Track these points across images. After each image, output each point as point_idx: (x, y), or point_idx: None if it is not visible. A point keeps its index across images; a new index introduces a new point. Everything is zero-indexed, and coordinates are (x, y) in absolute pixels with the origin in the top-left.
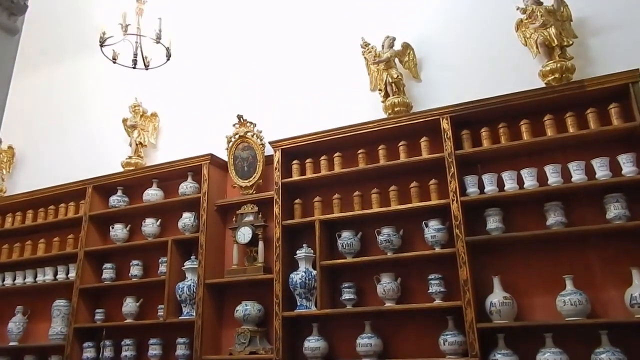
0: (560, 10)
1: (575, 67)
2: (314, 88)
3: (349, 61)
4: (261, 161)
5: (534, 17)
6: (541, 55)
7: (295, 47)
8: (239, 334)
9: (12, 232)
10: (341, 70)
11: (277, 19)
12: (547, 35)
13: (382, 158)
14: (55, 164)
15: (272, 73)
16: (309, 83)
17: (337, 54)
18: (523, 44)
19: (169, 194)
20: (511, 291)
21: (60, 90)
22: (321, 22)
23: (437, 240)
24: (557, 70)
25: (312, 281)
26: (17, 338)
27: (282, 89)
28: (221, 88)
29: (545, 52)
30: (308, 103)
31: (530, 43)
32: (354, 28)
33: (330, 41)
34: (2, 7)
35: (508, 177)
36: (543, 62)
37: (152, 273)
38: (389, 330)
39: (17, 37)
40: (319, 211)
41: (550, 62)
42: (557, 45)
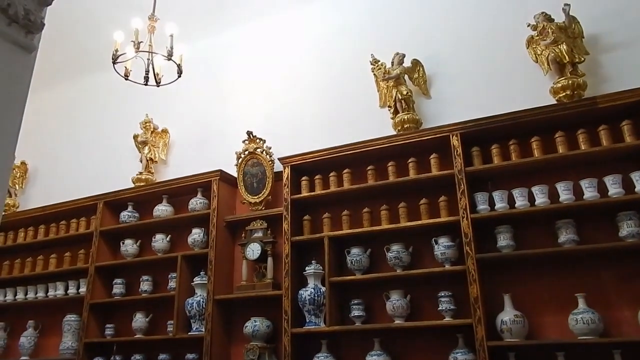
0: (572, 27)
1: (586, 83)
2: (323, 104)
3: (359, 78)
4: (270, 177)
5: (545, 33)
6: (552, 72)
7: (305, 64)
8: (248, 350)
9: (24, 247)
10: (351, 86)
11: (287, 36)
12: (558, 52)
13: (391, 175)
14: (67, 179)
15: (282, 90)
16: (318, 99)
17: (347, 71)
18: (534, 61)
19: (178, 209)
20: (522, 309)
21: (72, 106)
22: (331, 38)
23: (447, 258)
24: (569, 87)
25: (321, 298)
26: (29, 352)
27: (292, 106)
28: (231, 105)
29: (557, 68)
30: (317, 119)
31: (542, 60)
32: (363, 44)
33: (340, 58)
34: (19, 25)
35: (519, 194)
36: (554, 79)
37: (161, 288)
38: (398, 347)
39: (33, 54)
40: (328, 227)
41: (561, 79)
42: (568, 62)
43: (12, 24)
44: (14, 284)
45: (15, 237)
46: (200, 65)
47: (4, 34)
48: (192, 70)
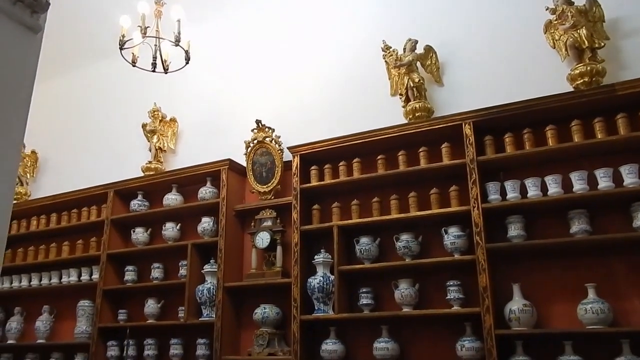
0: (593, 11)
1: (606, 70)
2: (333, 92)
3: (370, 65)
4: (279, 167)
5: (564, 17)
6: (570, 58)
7: (315, 51)
8: (258, 336)
9: (37, 235)
10: (361, 74)
11: (297, 22)
12: (577, 37)
13: (402, 164)
14: (77, 168)
15: (291, 78)
16: (328, 87)
17: (358, 58)
18: (551, 47)
19: (188, 198)
20: (531, 299)
21: (80, 95)
22: (341, 24)
23: (456, 247)
24: (587, 74)
25: (329, 286)
26: (45, 336)
27: (302, 94)
28: (240, 93)
29: (575, 54)
30: (327, 108)
31: (559, 45)
32: (375, 31)
33: (350, 44)
34: (24, 5)
35: (531, 184)
36: (572, 65)
37: (172, 276)
38: (406, 335)
39: (39, 35)
40: (337, 217)
41: (579, 65)
42: (587, 47)
43: (17, 3)
44: (29, 271)
45: (28, 225)
46: (208, 52)
47: (9, 13)
48: (200, 58)
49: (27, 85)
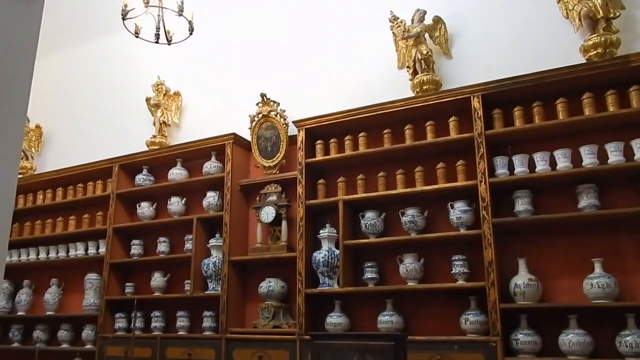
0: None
1: (620, 41)
2: (339, 65)
3: (376, 37)
4: (285, 141)
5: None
6: (584, 29)
7: (321, 23)
8: (263, 309)
9: (43, 209)
10: (368, 46)
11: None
12: (591, 6)
13: (408, 138)
14: (82, 142)
15: (297, 50)
16: (334, 60)
17: (364, 30)
18: (564, 17)
19: (193, 173)
20: (537, 274)
21: (84, 69)
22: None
23: (462, 222)
24: (601, 45)
25: (334, 260)
26: (54, 308)
27: (307, 67)
28: (244, 66)
29: (589, 25)
30: (333, 81)
31: (573, 15)
32: (382, 1)
33: (356, 16)
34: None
35: (540, 158)
36: (585, 36)
37: (178, 250)
38: (410, 308)
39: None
40: (342, 191)
41: (593, 36)
42: (602, 17)
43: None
44: (36, 244)
45: (35, 199)
46: (212, 23)
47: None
48: (203, 29)
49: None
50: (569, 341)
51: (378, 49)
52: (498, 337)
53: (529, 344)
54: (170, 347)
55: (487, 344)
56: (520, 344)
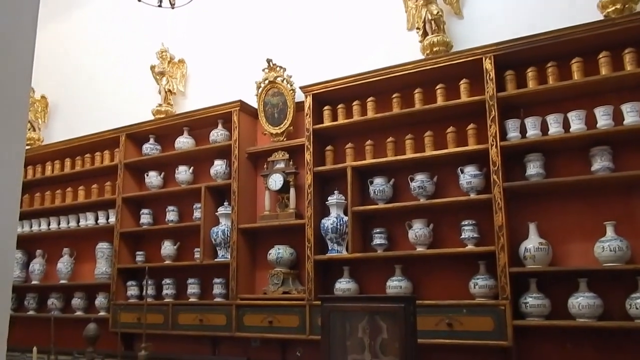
0: None
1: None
2: (346, 28)
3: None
4: (292, 107)
5: None
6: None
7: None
8: (273, 276)
9: (53, 180)
10: (376, 7)
11: None
12: None
13: (418, 102)
14: (88, 112)
15: (303, 14)
16: (341, 23)
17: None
18: None
19: (200, 141)
20: (547, 238)
21: (88, 37)
22: None
23: (472, 187)
24: (619, 0)
25: (343, 227)
26: (67, 277)
27: (313, 31)
28: (249, 31)
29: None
30: (340, 45)
31: None
32: None
33: None
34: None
35: (553, 120)
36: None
37: (187, 218)
38: (419, 274)
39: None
40: (351, 158)
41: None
42: None
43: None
44: (47, 215)
45: (43, 170)
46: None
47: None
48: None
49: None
50: (578, 304)
51: (387, 10)
52: (507, 301)
53: (538, 307)
54: (181, 313)
55: (496, 308)
56: (529, 307)
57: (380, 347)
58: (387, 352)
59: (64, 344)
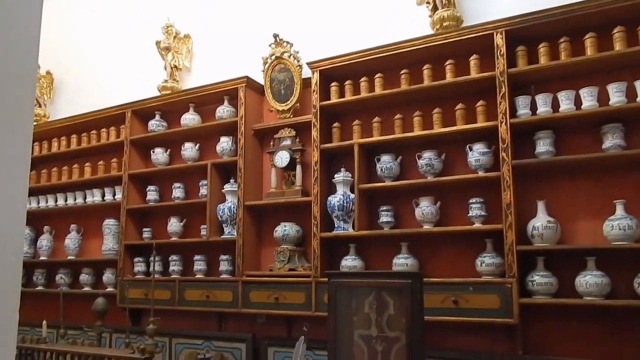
0: None
1: None
2: (354, 3)
3: None
4: (298, 83)
5: None
6: None
7: None
8: (279, 253)
9: (59, 156)
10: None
11: None
12: None
13: (426, 79)
14: (94, 88)
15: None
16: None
17: None
18: None
19: (206, 118)
20: (556, 216)
21: (93, 12)
22: None
23: (481, 164)
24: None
25: (350, 204)
26: (74, 253)
27: (320, 5)
28: (256, 5)
29: None
30: (348, 20)
31: None
32: None
33: None
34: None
35: (565, 97)
36: None
37: (193, 195)
38: (425, 252)
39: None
40: (358, 135)
41: None
42: None
43: None
44: (54, 191)
45: (50, 146)
46: None
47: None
48: None
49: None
50: (586, 282)
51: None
52: (514, 279)
53: (545, 286)
54: (188, 289)
55: (502, 286)
56: (536, 285)
57: (386, 323)
58: (394, 328)
59: (72, 319)
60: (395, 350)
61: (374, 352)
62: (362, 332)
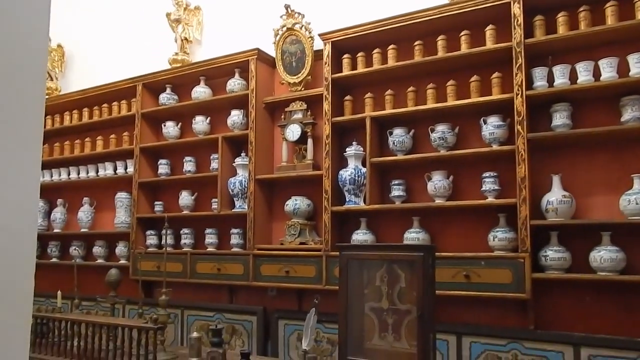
0: None
1: None
2: None
3: None
4: (310, 56)
5: None
6: None
7: None
8: (289, 226)
9: (71, 130)
10: None
11: None
12: None
13: (441, 50)
14: (105, 61)
15: None
16: None
17: None
18: None
19: (217, 91)
20: (571, 191)
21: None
22: None
23: (495, 138)
24: None
25: (361, 178)
26: (87, 225)
27: None
28: None
29: None
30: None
31: None
32: None
33: None
34: None
35: (583, 68)
36: None
37: (204, 169)
38: (437, 226)
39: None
40: (370, 108)
41: None
42: None
43: None
44: (67, 164)
45: (62, 119)
46: None
47: None
48: None
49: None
50: (600, 257)
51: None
52: (527, 254)
53: (559, 261)
54: (199, 262)
55: (515, 260)
56: (549, 260)
57: (397, 296)
58: (405, 301)
59: (85, 291)
60: (406, 322)
61: (385, 324)
62: (373, 305)
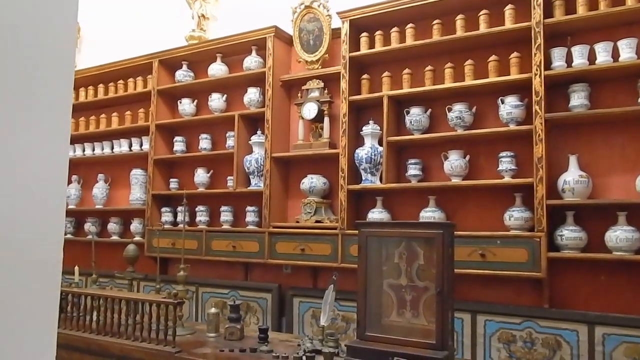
0: None
1: None
2: None
3: None
4: (328, 34)
5: None
6: None
7: None
8: (305, 204)
9: (87, 106)
10: None
11: None
12: None
13: (459, 29)
14: (120, 38)
15: None
16: None
17: None
18: None
19: (233, 68)
20: (588, 171)
21: None
22: None
23: (512, 118)
24: None
25: (377, 157)
26: (102, 202)
27: None
28: None
29: None
30: None
31: None
32: None
33: None
34: None
35: (602, 49)
36: None
37: (220, 146)
38: (453, 205)
39: None
40: (387, 87)
41: None
42: None
43: None
44: (82, 140)
45: (77, 96)
46: None
47: None
48: None
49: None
50: (616, 237)
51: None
52: (543, 233)
53: (574, 240)
54: (215, 239)
55: (531, 240)
56: (565, 239)
57: (416, 273)
58: (423, 278)
59: (100, 267)
60: (425, 299)
61: (403, 300)
62: (391, 282)
